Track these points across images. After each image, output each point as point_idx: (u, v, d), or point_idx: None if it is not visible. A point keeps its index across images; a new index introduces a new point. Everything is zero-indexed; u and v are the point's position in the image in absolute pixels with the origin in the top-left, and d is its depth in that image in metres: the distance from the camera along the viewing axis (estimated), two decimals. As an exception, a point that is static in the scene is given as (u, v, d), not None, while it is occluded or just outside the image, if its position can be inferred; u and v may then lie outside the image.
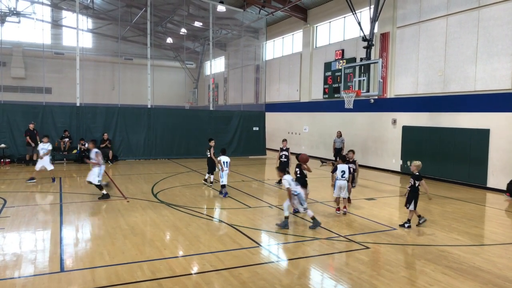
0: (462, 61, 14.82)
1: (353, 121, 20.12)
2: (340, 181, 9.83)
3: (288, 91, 26.35)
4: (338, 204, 10.09)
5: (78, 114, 19.56)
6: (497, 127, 13.68)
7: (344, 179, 9.82)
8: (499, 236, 8.43)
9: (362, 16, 18.33)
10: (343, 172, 9.82)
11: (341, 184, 9.82)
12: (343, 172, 9.82)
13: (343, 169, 9.85)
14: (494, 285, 5.85)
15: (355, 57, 19.80)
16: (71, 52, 22.52)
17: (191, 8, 26.56)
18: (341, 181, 9.82)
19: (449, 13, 15.31)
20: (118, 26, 26.01)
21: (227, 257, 6.71)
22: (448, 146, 15.24)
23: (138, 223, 8.67)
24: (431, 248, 7.47)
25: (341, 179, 9.83)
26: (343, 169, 9.85)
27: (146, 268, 6.12)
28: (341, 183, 9.82)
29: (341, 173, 9.83)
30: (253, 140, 23.53)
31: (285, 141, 14.09)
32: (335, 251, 7.29)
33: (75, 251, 6.92)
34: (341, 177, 9.83)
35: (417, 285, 5.79)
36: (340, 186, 9.83)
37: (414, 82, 16.88)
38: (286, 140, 14.33)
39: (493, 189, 13.71)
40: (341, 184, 9.82)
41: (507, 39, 13.33)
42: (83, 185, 13.51)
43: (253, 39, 27.65)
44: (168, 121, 21.48)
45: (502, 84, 13.51)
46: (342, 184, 9.82)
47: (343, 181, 9.82)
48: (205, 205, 10.91)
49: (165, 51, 35.75)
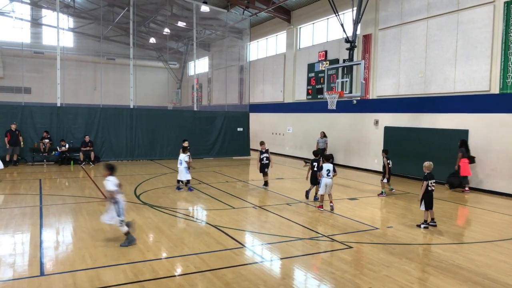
0: (442, 63, 15.12)
1: (336, 122, 20.31)
2: (326, 179, 10.30)
3: (272, 92, 26.42)
4: (322, 202, 10.49)
5: (58, 115, 19.20)
6: (476, 127, 14.00)
7: (329, 177, 10.31)
8: (477, 235, 8.63)
9: (345, 18, 18.53)
10: (328, 170, 10.33)
11: (327, 182, 10.30)
12: (328, 170, 10.33)
13: (328, 168, 10.36)
14: (473, 283, 5.98)
15: (338, 59, 20.00)
16: (51, 51, 22.11)
17: (174, 8, 26.40)
18: (327, 179, 10.30)
19: (429, 15, 15.60)
20: (100, 25, 25.65)
21: (211, 258, 6.69)
22: (428, 146, 15.52)
23: (121, 225, 8.55)
24: (412, 247, 7.60)
25: (326, 177, 10.30)
26: (328, 168, 10.35)
27: (129, 271, 6.06)
28: (327, 181, 10.30)
29: (326, 171, 10.32)
30: (237, 141, 23.51)
31: (263, 144, 13.98)
32: (318, 251, 7.35)
33: (55, 254, 6.80)
34: (327, 175, 10.31)
35: (399, 283, 5.88)
36: (326, 183, 10.31)
37: (395, 83, 17.14)
38: (264, 142, 14.19)
39: (472, 188, 14.01)
40: (327, 182, 10.30)
41: (485, 41, 13.66)
42: (64, 186, 13.29)
43: (237, 40, 27.64)
44: (151, 121, 21.27)
45: (481, 86, 13.83)
46: (328, 182, 10.30)
47: (328, 179, 10.30)
48: (189, 206, 10.85)
49: (148, 51, 35.41)
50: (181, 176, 12.61)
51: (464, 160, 13.40)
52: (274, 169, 19.03)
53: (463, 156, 13.47)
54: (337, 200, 11.80)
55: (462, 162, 13.40)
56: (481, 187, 13.79)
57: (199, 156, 22.17)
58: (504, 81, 13.09)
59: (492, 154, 13.47)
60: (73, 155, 18.86)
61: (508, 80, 12.98)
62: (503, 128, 13.14)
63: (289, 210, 10.31)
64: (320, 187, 10.50)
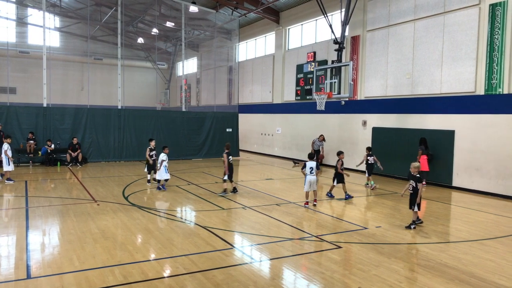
0: (429, 65, 15.32)
1: (325, 122, 20.42)
2: (310, 176, 10.82)
3: (261, 92, 26.46)
4: (307, 198, 10.99)
5: (45, 115, 18.94)
6: (462, 128, 14.22)
7: (312, 174, 10.81)
8: (463, 234, 8.76)
9: (333, 19, 18.64)
10: (311, 168, 10.83)
11: (310, 179, 10.81)
12: (311, 168, 10.83)
13: (311, 165, 10.87)
14: (460, 281, 6.07)
15: (326, 60, 20.12)
16: (37, 51, 21.82)
17: (163, 8, 26.26)
18: (311, 176, 10.82)
19: (416, 18, 15.79)
20: (87, 25, 25.38)
21: (201, 259, 6.67)
22: (415, 147, 15.65)
23: (109, 227, 8.49)
24: (400, 247, 7.68)
25: (310, 175, 10.82)
26: (311, 166, 10.87)
27: (118, 273, 6.00)
28: (311, 178, 10.82)
29: (309, 169, 10.84)
30: (226, 142, 23.39)
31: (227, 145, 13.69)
32: (308, 251, 7.38)
33: (42, 257, 6.70)
34: (310, 173, 10.83)
35: (388, 282, 5.94)
36: (310, 181, 10.81)
37: (383, 85, 17.31)
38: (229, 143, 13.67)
39: (458, 188, 14.23)
40: (311, 179, 10.81)
41: (470, 43, 13.88)
42: (50, 188, 13.11)
43: (226, 40, 27.61)
44: (139, 122, 21.12)
45: (466, 87, 14.05)
46: (312, 179, 10.80)
47: (312, 177, 10.81)
48: (178, 207, 10.80)
49: (136, 51, 35.17)
50: (161, 175, 12.89)
51: (424, 157, 14.11)
52: (263, 170, 19.11)
53: (423, 153, 14.16)
54: (327, 200, 11.88)
55: (422, 158, 13.98)
56: (467, 187, 14.00)
57: (188, 157, 22.12)
58: (489, 83, 13.32)
59: (477, 154, 13.69)
60: (59, 156, 18.62)
61: (493, 82, 13.21)
62: (489, 128, 13.37)
63: (278, 211, 10.34)
64: (304, 184, 10.96)
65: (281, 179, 16.16)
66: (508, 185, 12.84)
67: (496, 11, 13.04)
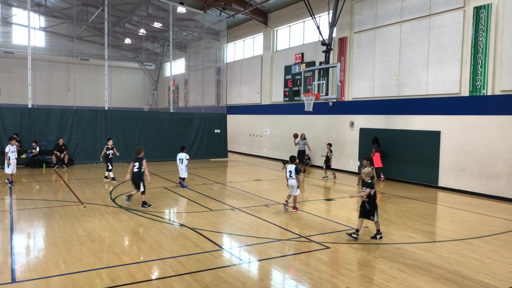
0: (415, 66, 15.51)
1: (313, 123, 20.52)
2: (290, 180, 10.48)
3: (250, 93, 26.46)
4: (288, 198, 10.74)
5: (30, 117, 18.65)
6: (447, 129, 14.43)
7: (291, 178, 10.42)
8: (449, 233, 8.89)
9: (321, 20, 18.75)
10: (290, 172, 10.43)
11: (290, 183, 10.50)
12: (290, 172, 10.44)
13: (290, 169, 10.46)
14: (447, 280, 6.16)
15: (314, 61, 20.22)
16: (22, 51, 21.51)
17: (150, 9, 26.09)
18: (290, 180, 10.46)
19: (402, 20, 15.98)
20: (73, 25, 25.08)
21: (189, 261, 6.64)
22: (402, 147, 15.89)
23: (96, 229, 8.39)
24: (388, 246, 7.76)
25: (289, 178, 10.47)
26: (290, 169, 10.47)
27: (105, 276, 5.94)
28: (290, 182, 10.48)
29: (288, 173, 10.46)
30: (214, 143, 23.44)
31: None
32: (296, 251, 7.39)
33: (27, 260, 6.59)
34: (289, 176, 10.45)
35: (376, 282, 5.99)
36: (290, 185, 10.52)
37: (370, 86, 17.47)
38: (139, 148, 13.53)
39: (444, 188, 14.43)
40: (290, 183, 10.49)
41: (455, 46, 14.10)
42: (35, 190, 12.91)
43: (214, 41, 27.56)
44: (127, 123, 20.94)
45: (451, 89, 14.26)
46: (291, 183, 10.47)
47: (291, 180, 10.44)
48: (166, 209, 10.74)
49: (123, 52, 34.86)
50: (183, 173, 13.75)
51: (377, 154, 15.45)
52: (252, 171, 19.12)
53: (376, 151, 15.61)
54: (314, 200, 11.93)
55: (376, 156, 15.33)
56: (453, 187, 14.20)
57: (176, 159, 21.94)
58: (473, 84, 13.54)
59: (463, 155, 13.90)
60: (45, 158, 18.34)
61: (478, 83, 13.43)
62: (473, 129, 13.59)
63: (267, 212, 10.35)
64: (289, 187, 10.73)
65: (270, 180, 16.18)
66: (492, 185, 13.07)
67: (481, 14, 13.27)
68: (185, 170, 13.72)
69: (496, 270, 6.63)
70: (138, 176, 10.57)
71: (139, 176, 10.57)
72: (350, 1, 18.12)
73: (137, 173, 10.56)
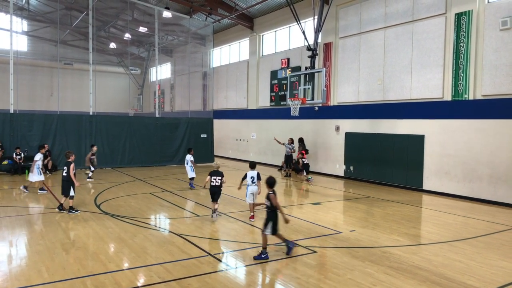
0: (399, 71, 15.73)
1: (299, 128, 20.61)
2: (252, 186, 9.83)
3: (236, 98, 26.47)
4: (252, 211, 10.01)
5: (12, 122, 18.29)
6: (431, 133, 14.65)
7: (254, 184, 9.79)
8: (434, 236, 9.00)
9: (306, 26, 18.90)
10: (252, 177, 9.83)
11: (253, 190, 9.83)
12: (252, 178, 9.83)
13: (252, 175, 9.85)
14: (432, 282, 6.23)
15: (300, 66, 20.35)
16: (4, 55, 21.06)
17: (135, 13, 25.95)
18: (252, 186, 9.82)
19: (386, 25, 16.22)
20: (56, 29, 24.76)
21: (176, 267, 6.57)
22: (387, 151, 16.06)
23: (80, 236, 8.26)
24: (374, 250, 7.81)
25: (252, 185, 9.82)
26: (252, 175, 9.84)
27: (90, 284, 5.84)
28: (253, 189, 9.82)
29: (250, 179, 9.83)
30: (201, 147, 23.29)
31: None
32: (283, 256, 7.38)
33: (9, 269, 6.44)
34: (252, 182, 9.82)
35: (362, 286, 6.02)
36: (252, 192, 9.84)
37: (355, 91, 17.65)
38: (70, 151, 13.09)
39: (428, 191, 14.63)
40: (253, 190, 9.82)
41: (438, 51, 14.36)
42: (18, 198, 12.65)
43: (200, 46, 27.53)
44: (112, 128, 20.71)
45: (435, 93, 14.51)
46: (254, 190, 9.82)
47: (254, 187, 9.81)
48: (152, 215, 10.63)
49: (108, 56, 34.55)
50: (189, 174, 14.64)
51: (303, 152, 16.52)
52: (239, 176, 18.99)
53: (302, 149, 17.06)
54: (300, 205, 11.96)
55: (302, 153, 16.42)
56: (437, 190, 14.40)
57: (162, 164, 21.83)
58: (455, 89, 13.80)
59: (446, 158, 14.13)
60: (28, 164, 17.96)
61: (460, 88, 13.69)
62: (456, 133, 13.83)
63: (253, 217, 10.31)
64: (246, 196, 9.94)
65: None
66: (474, 187, 13.30)
67: (462, 20, 13.56)
68: (191, 171, 14.60)
69: (480, 272, 6.74)
70: (66, 180, 10.29)
71: (67, 180, 10.29)
72: (335, 7, 18.32)
73: (65, 177, 10.30)
